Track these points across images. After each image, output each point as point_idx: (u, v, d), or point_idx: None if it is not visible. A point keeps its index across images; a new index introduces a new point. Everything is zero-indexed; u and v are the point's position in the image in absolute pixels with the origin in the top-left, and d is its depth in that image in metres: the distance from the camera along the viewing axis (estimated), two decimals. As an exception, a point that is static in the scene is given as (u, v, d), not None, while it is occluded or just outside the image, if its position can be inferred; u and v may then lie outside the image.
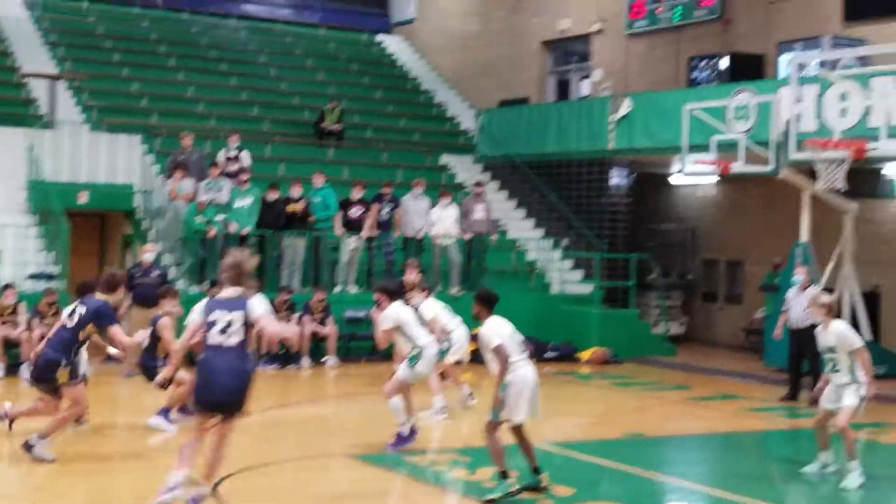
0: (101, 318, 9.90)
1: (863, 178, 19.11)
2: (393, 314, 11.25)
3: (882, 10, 19.78)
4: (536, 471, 9.38)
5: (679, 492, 10.20)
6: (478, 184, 20.85)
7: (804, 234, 18.02)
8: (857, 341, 10.05)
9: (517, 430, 9.49)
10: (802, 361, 14.87)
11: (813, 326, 10.97)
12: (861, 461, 10.08)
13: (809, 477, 10.38)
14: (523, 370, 9.45)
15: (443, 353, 13.31)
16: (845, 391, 9.99)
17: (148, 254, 16.40)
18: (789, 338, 15.05)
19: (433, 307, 13.30)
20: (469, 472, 10.21)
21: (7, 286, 15.79)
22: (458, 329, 13.61)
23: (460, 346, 13.60)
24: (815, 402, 11.08)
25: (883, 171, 19.48)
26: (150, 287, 15.70)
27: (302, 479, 10.10)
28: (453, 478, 10.16)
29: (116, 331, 9.99)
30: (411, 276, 15.18)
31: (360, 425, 12.92)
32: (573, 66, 26.97)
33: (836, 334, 10.09)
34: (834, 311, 10.43)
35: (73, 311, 10.06)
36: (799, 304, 14.54)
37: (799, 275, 15.25)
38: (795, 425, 13.85)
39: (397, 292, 11.58)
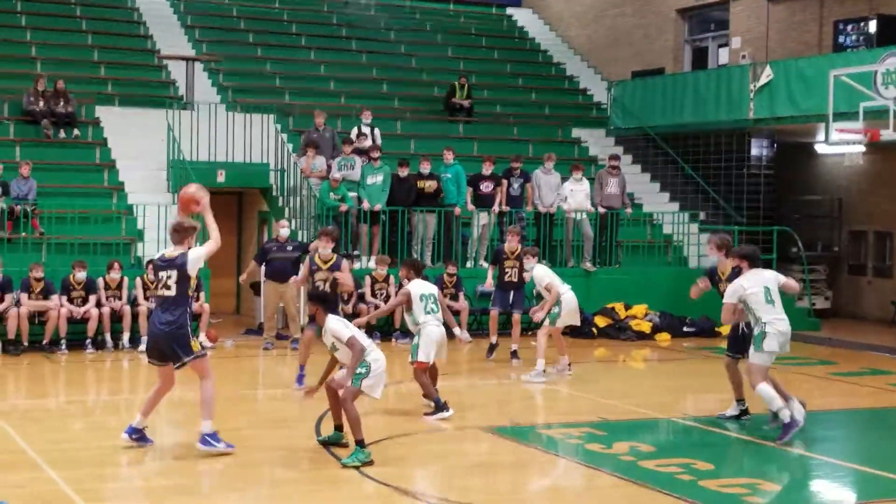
0: None
1: None
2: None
3: None
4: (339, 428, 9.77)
5: (822, 468, 9.99)
6: (612, 157, 20.66)
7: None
8: None
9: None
10: None
11: None
12: None
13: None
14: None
15: (553, 318, 13.82)
16: None
17: (283, 229, 16.74)
18: None
19: (546, 272, 14.14)
20: (604, 446, 10.18)
21: (114, 261, 16.30)
22: (567, 293, 14.05)
23: (572, 310, 14.07)
24: None
25: None
26: (285, 262, 16.14)
27: (439, 450, 10.24)
28: (589, 450, 10.13)
29: None
30: (513, 243, 15.56)
31: (492, 399, 13.04)
32: (710, 34, 26.44)
33: None
34: None
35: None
36: None
37: None
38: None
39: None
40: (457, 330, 12.77)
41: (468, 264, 18.91)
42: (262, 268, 16.58)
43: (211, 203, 9.91)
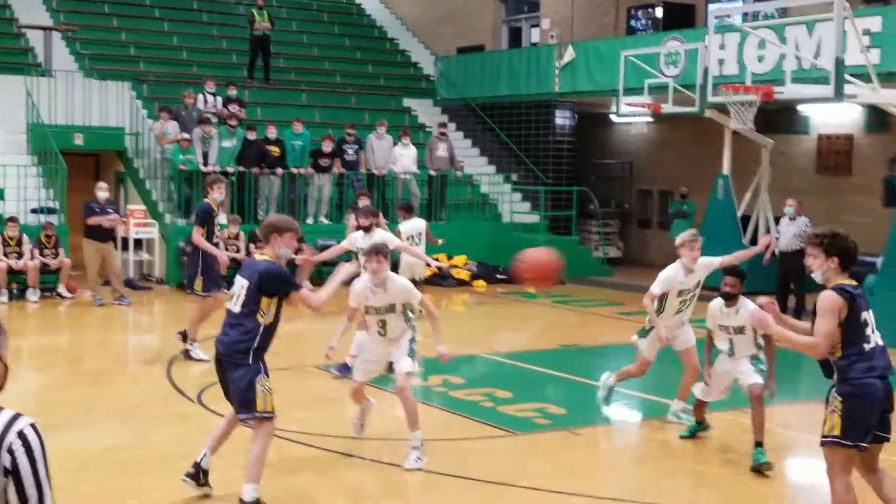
0: None
1: (779, 116, 19.58)
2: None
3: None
4: None
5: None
6: (441, 125, 21.15)
7: (726, 167, 18.51)
8: None
9: None
10: (789, 283, 15.51)
11: (799, 252, 11.53)
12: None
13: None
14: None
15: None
16: None
17: (102, 192, 15.84)
18: (778, 262, 15.57)
19: (386, 234, 13.90)
20: (421, 380, 10.62)
21: (11, 219, 15.98)
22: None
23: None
24: None
25: (799, 109, 19.94)
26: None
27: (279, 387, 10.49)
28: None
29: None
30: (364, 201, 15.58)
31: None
32: (524, 15, 27.12)
33: None
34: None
35: None
36: (789, 232, 15.39)
37: (790, 206, 15.73)
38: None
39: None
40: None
41: (308, 220, 19.13)
42: (85, 228, 15.66)
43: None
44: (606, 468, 8.15)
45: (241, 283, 6.58)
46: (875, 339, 5.72)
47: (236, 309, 6.53)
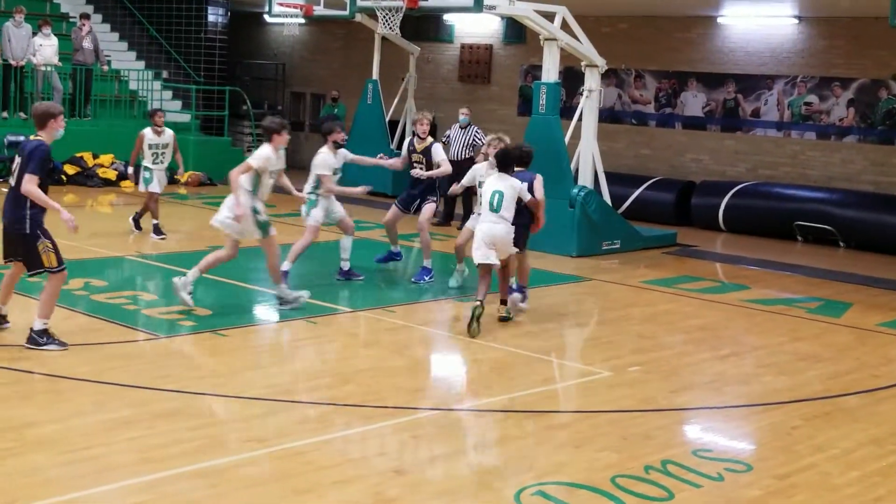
0: None
1: (426, 24, 19.96)
2: None
3: None
4: None
5: (253, 295, 10.51)
6: (83, 16, 19.55)
7: (375, 72, 18.65)
8: None
9: None
10: None
11: (470, 160, 13.00)
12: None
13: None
14: None
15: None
16: None
17: None
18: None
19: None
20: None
21: None
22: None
23: None
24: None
25: (445, 18, 20.41)
26: None
27: None
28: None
29: None
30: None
31: None
32: None
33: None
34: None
35: None
36: (461, 140, 15.43)
37: (465, 115, 15.74)
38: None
39: None
40: None
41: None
42: None
43: None
44: (251, 368, 8.02)
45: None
46: None
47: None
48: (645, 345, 9.19)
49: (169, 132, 13.55)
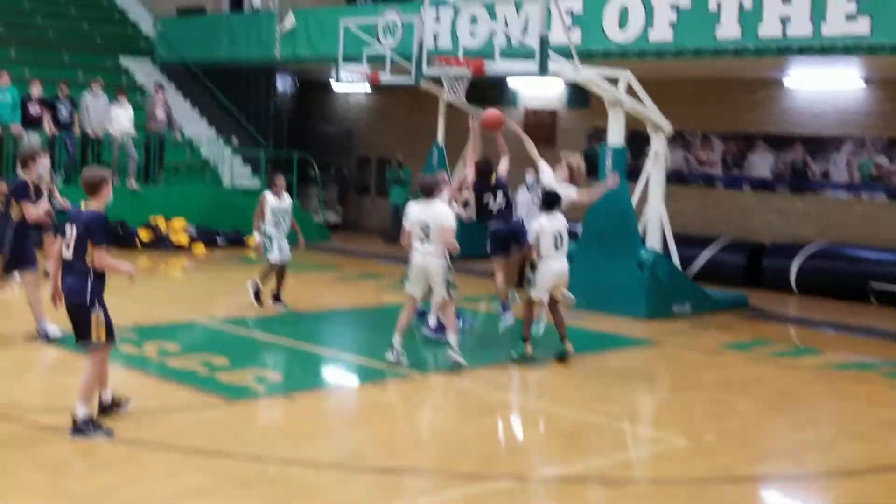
0: None
1: (490, 90, 20.08)
2: None
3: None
4: None
5: (324, 360, 10.53)
6: (158, 86, 20.07)
7: (440, 136, 18.79)
8: None
9: None
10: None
11: None
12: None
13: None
14: None
15: None
16: None
17: None
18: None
19: None
20: (136, 348, 10.06)
21: None
22: None
23: None
24: None
25: (509, 84, 20.55)
26: None
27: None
28: (123, 352, 9.97)
29: None
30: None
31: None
32: (246, -21, 26.25)
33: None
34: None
35: None
36: (525, 199, 15.39)
37: (532, 177, 15.77)
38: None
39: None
40: None
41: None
42: None
43: None
44: (322, 432, 7.97)
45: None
46: None
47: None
48: (720, 410, 8.97)
49: (288, 197, 12.80)
